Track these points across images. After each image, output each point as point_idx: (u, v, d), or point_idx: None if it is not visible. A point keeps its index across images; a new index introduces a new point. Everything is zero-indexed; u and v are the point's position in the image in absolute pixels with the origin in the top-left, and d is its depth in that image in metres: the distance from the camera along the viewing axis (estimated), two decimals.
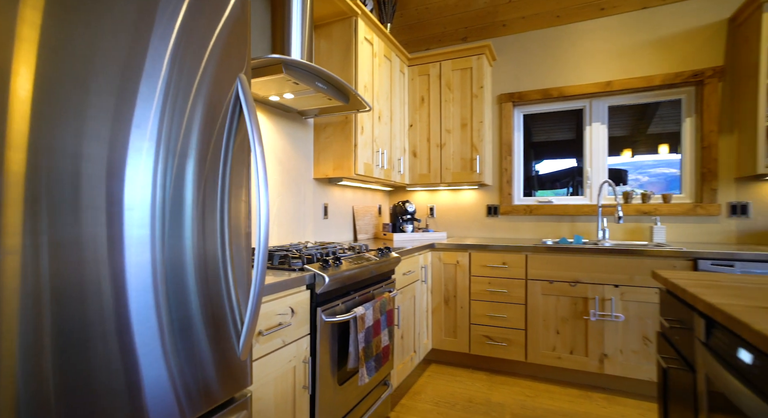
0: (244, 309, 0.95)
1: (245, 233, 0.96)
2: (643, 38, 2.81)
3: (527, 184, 3.40)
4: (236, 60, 0.91)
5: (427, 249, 2.74)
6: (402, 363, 2.27)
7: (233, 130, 0.91)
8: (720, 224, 2.61)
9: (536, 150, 3.45)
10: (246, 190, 0.97)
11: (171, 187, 0.76)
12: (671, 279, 1.25)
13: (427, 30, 3.40)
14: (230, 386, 0.90)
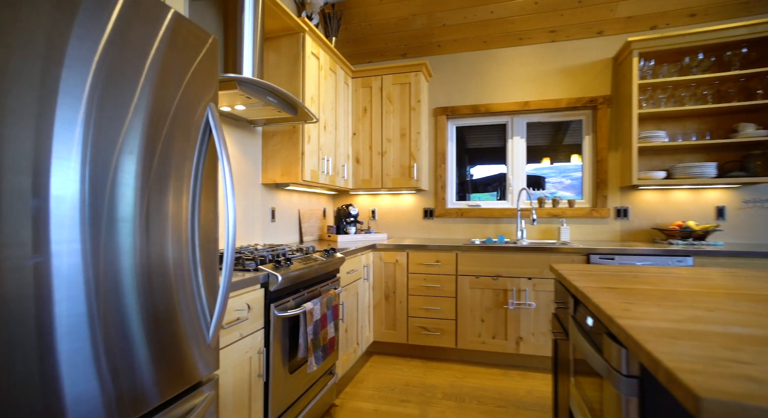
0: (212, 304, 1.10)
1: (213, 238, 1.12)
2: (553, 66, 3.30)
3: (463, 187, 3.79)
4: (207, 90, 1.07)
5: (369, 249, 2.98)
6: (346, 354, 2.48)
7: (204, 149, 1.06)
8: (609, 225, 3.15)
9: (471, 156, 3.85)
10: (214, 202, 1.12)
11: (154, 195, 0.90)
12: (559, 270, 1.60)
13: (370, 45, 3.64)
14: (203, 369, 1.05)
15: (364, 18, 3.40)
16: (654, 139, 2.85)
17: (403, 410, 2.19)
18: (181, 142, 0.99)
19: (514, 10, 3.13)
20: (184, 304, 1.01)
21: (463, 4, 3.15)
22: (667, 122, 3.02)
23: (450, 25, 3.35)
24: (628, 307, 0.99)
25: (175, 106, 0.97)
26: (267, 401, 1.56)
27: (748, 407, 0.50)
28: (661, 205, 3.06)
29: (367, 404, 2.26)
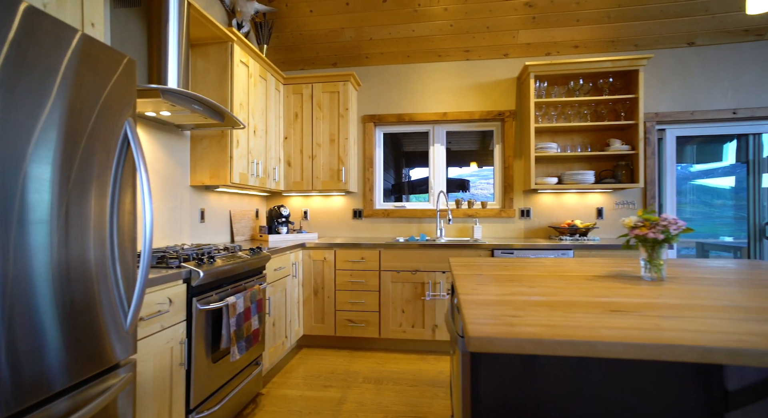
0: (131, 295, 1.24)
1: (132, 237, 1.25)
2: (468, 82, 3.70)
3: (400, 189, 4.11)
4: (125, 107, 1.20)
5: (298, 248, 3.15)
6: (274, 347, 2.64)
7: (122, 159, 1.19)
8: (515, 223, 3.61)
9: (407, 159, 4.18)
10: (133, 205, 1.25)
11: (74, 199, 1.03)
12: (451, 263, 1.91)
13: (302, 53, 3.80)
14: (120, 353, 1.19)
15: (296, 28, 3.56)
16: (548, 150, 3.34)
17: (326, 394, 2.40)
18: (101, 153, 1.13)
19: (433, 30, 3.48)
20: (104, 294, 1.14)
21: (387, 21, 3.44)
22: (559, 135, 3.53)
23: (376, 40, 3.62)
24: (477, 287, 1.29)
25: (93, 122, 1.10)
26: (189, 388, 1.69)
27: (493, 340, 0.78)
28: (556, 206, 3.56)
29: (292, 391, 2.45)
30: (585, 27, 3.34)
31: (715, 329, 0.82)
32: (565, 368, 1.04)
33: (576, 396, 1.04)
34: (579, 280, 1.41)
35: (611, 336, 0.78)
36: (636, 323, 0.87)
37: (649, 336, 0.78)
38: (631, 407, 1.01)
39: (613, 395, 1.02)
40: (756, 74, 3.30)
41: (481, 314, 0.95)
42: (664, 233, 1.30)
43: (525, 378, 1.06)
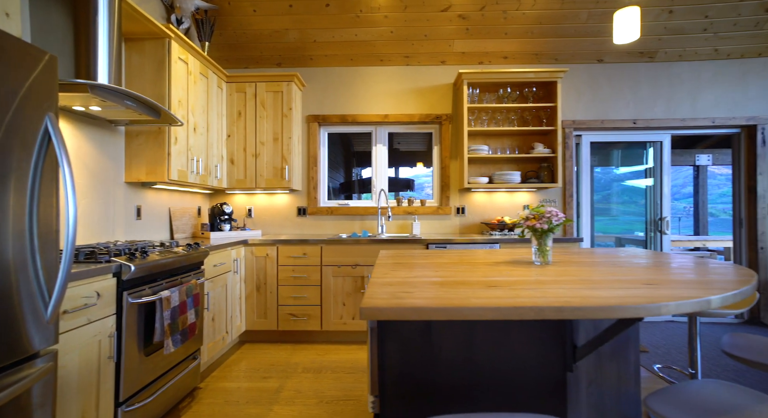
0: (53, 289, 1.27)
1: (54, 230, 1.28)
2: (408, 86, 3.90)
3: (349, 187, 4.23)
4: (46, 102, 1.24)
5: (240, 245, 3.19)
6: (213, 342, 2.67)
7: (43, 154, 1.23)
8: (451, 220, 3.87)
9: (358, 159, 4.32)
10: (56, 199, 1.29)
11: None
12: (380, 255, 2.07)
13: (246, 52, 3.82)
14: (40, 343, 1.22)
15: (239, 26, 3.57)
16: (480, 152, 3.61)
17: (265, 385, 2.48)
18: (19, 147, 1.16)
19: (375, 35, 3.64)
20: (23, 285, 1.17)
21: (330, 25, 3.55)
22: (490, 139, 3.83)
23: (320, 42, 3.72)
24: (389, 272, 1.46)
25: (11, 116, 1.13)
26: (119, 380, 1.72)
27: (382, 309, 0.94)
28: (488, 204, 3.86)
29: (231, 383, 2.50)
30: (512, 40, 3.66)
31: (558, 295, 1.03)
32: (457, 338, 1.23)
33: (466, 361, 1.23)
34: (481, 265, 1.62)
35: (476, 303, 0.96)
36: (502, 294, 1.06)
37: (505, 302, 0.97)
38: (510, 365, 1.22)
39: (495, 357, 1.22)
40: (650, 90, 3.79)
41: (380, 292, 1.11)
42: (548, 224, 1.54)
43: (423, 350, 1.23)
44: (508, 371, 1.21)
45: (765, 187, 3.74)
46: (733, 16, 3.40)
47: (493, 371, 1.22)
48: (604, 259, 1.83)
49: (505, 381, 1.21)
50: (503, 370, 1.21)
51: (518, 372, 1.21)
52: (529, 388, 1.20)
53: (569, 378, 1.20)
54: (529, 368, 1.21)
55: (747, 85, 3.75)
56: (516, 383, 1.20)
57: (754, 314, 3.75)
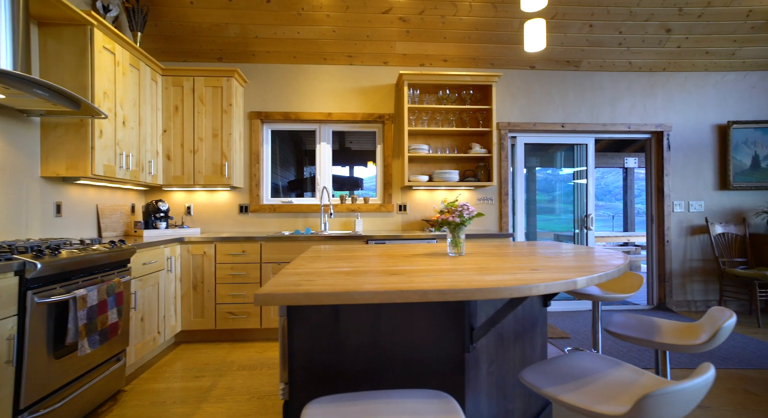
0: None
1: None
2: (352, 85, 3.96)
3: (300, 185, 4.21)
4: None
5: (176, 242, 3.09)
6: (143, 343, 2.58)
7: None
8: (393, 217, 3.97)
9: (310, 157, 4.30)
10: None
11: None
12: (310, 249, 2.11)
13: (185, 44, 3.70)
14: None
15: (176, 18, 3.46)
16: (420, 151, 3.74)
17: (196, 384, 2.43)
18: None
19: (317, 34, 3.66)
20: None
21: (272, 21, 3.53)
22: (431, 138, 3.98)
23: (262, 38, 3.68)
24: (306, 264, 1.50)
25: None
26: (19, 386, 1.63)
27: (275, 295, 0.98)
28: (429, 201, 4.00)
29: (160, 384, 2.43)
30: (451, 44, 3.82)
31: (449, 280, 1.13)
32: (364, 324, 1.29)
33: (372, 345, 1.30)
34: (399, 257, 1.71)
35: (366, 288, 1.03)
36: (397, 280, 1.14)
37: (393, 287, 1.05)
38: (413, 348, 1.30)
39: (400, 341, 1.30)
40: (576, 96, 4.11)
41: (283, 281, 1.15)
42: (460, 217, 1.66)
43: (331, 337, 1.29)
44: (412, 353, 1.30)
45: (671, 187, 4.17)
46: (641, 34, 3.76)
47: (398, 353, 1.30)
48: (515, 251, 1.98)
49: (409, 363, 1.29)
50: (407, 352, 1.30)
51: (421, 354, 1.30)
52: (431, 368, 1.29)
53: (468, 359, 1.31)
54: (431, 350, 1.30)
55: (655, 96, 4.16)
56: (419, 365, 1.29)
57: (661, 301, 4.17)
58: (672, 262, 4.16)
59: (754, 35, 3.82)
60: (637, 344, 1.39)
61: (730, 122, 4.09)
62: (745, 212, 4.18)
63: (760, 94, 4.17)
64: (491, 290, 1.02)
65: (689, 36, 3.82)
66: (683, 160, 4.18)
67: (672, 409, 0.81)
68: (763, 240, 3.97)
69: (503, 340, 1.54)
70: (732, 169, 4.11)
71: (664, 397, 0.80)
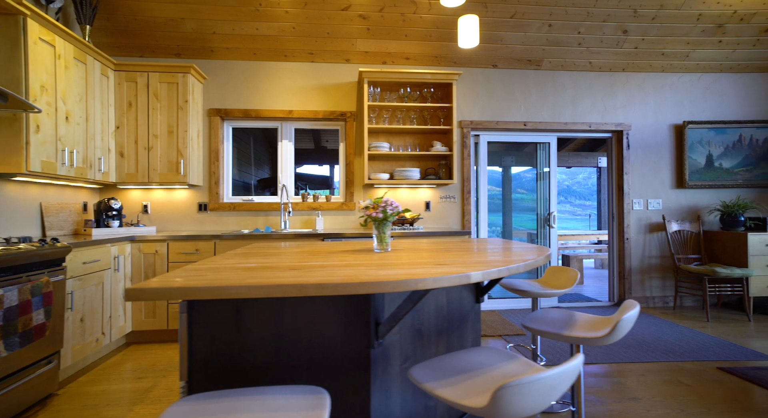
0: None
1: None
2: (313, 83, 3.93)
3: (273, 182, 4.17)
4: None
5: (126, 241, 3.03)
6: (83, 344, 2.51)
7: None
8: (356, 215, 3.95)
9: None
10: None
11: None
12: (250, 246, 2.07)
13: (140, 40, 3.62)
14: None
15: (130, 12, 3.38)
16: (381, 149, 3.73)
17: (136, 385, 2.38)
18: None
19: (277, 30, 3.62)
20: None
21: (229, 17, 3.48)
22: (393, 136, 3.97)
23: (221, 34, 3.63)
24: (219, 260, 1.47)
25: None
26: None
27: (145, 290, 0.96)
28: None
29: (97, 386, 2.37)
30: (413, 42, 3.82)
31: (340, 274, 1.11)
32: (267, 320, 1.27)
33: (276, 342, 1.28)
34: (323, 254, 1.69)
35: (244, 282, 1.01)
36: (291, 275, 1.12)
37: (269, 281, 1.03)
38: (318, 344, 1.28)
39: (304, 337, 1.28)
40: (538, 95, 4.15)
41: (174, 276, 1.12)
42: (383, 213, 1.65)
43: (233, 333, 1.26)
44: (316, 349, 1.28)
45: (630, 186, 4.24)
46: (599, 34, 3.82)
47: (302, 350, 1.28)
48: (451, 247, 1.98)
49: (314, 360, 1.27)
50: (311, 349, 1.28)
51: (325, 350, 1.28)
52: (336, 365, 1.28)
53: (374, 355, 1.29)
54: (336, 346, 1.29)
55: (615, 95, 4.22)
56: (323, 361, 1.28)
57: (621, 298, 4.24)
58: (632, 259, 4.23)
59: (705, 38, 3.91)
60: (549, 337, 1.40)
61: (686, 122, 4.18)
62: (700, 210, 4.27)
63: (713, 96, 4.27)
64: (374, 284, 1.01)
65: (645, 37, 3.89)
66: (642, 159, 4.26)
67: (529, 399, 0.81)
68: (716, 237, 4.06)
69: (422, 336, 1.53)
70: (688, 168, 4.20)
71: (519, 387, 0.79)
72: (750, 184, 4.22)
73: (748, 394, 2.13)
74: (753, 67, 4.26)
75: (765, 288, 3.69)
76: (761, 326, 3.43)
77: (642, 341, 3.01)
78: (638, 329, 3.32)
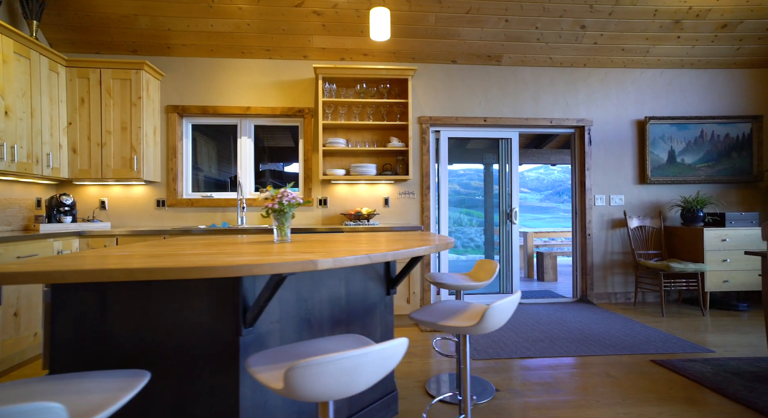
0: None
1: None
2: (271, 79, 3.93)
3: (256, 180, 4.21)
4: None
5: (74, 236, 3.04)
6: (16, 338, 2.53)
7: None
8: (314, 211, 3.96)
9: (269, 154, 4.29)
10: None
11: None
12: (181, 240, 2.08)
13: (95, 36, 3.63)
14: None
15: (82, 8, 3.39)
16: (336, 145, 3.73)
17: None
18: None
19: (232, 27, 3.63)
20: None
21: (182, 14, 3.48)
22: (351, 132, 3.97)
23: (176, 31, 3.63)
24: (154, 250, 1.48)
25: None
26: None
27: (13, 273, 0.96)
28: (350, 196, 4.00)
29: None
30: (370, 38, 3.82)
31: (193, 261, 1.12)
32: (134, 309, 1.28)
33: (143, 330, 1.28)
34: (224, 244, 1.69)
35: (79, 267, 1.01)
36: (149, 261, 1.13)
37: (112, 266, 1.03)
38: (188, 332, 1.29)
39: (173, 325, 1.29)
40: (499, 91, 4.15)
41: (28, 262, 1.13)
42: (279, 204, 1.65)
43: (98, 322, 1.27)
44: (186, 338, 1.28)
45: (592, 182, 4.23)
46: (557, 29, 3.81)
47: (171, 339, 1.28)
48: (364, 238, 1.98)
49: (183, 348, 1.28)
50: (181, 337, 1.28)
51: (196, 337, 1.29)
52: (206, 353, 1.28)
53: (245, 342, 1.30)
54: (206, 333, 1.29)
55: (577, 91, 4.22)
56: (193, 350, 1.28)
57: (584, 294, 4.23)
58: (594, 255, 4.23)
59: (663, 34, 3.90)
60: (427, 327, 1.40)
61: (648, 118, 4.17)
62: (662, 206, 4.26)
63: (675, 91, 4.26)
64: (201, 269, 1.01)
65: (604, 33, 3.88)
66: (605, 155, 4.25)
67: (321, 381, 0.81)
68: (676, 233, 4.05)
69: (311, 325, 1.53)
70: (650, 164, 4.19)
71: (307, 368, 0.80)
72: (712, 179, 4.20)
73: (670, 384, 2.12)
74: (714, 63, 4.25)
75: (721, 283, 3.68)
76: (714, 320, 3.42)
77: (588, 336, 3.01)
78: (589, 324, 3.32)
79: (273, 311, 1.41)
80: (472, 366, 2.44)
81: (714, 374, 2.19)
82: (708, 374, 2.20)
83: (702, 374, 2.20)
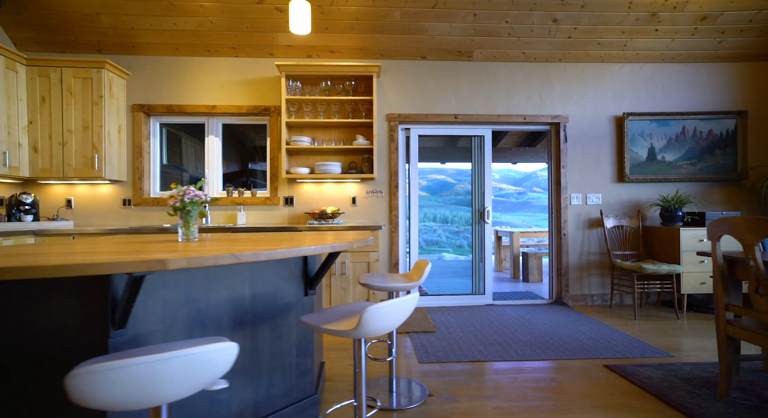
0: None
1: None
2: (237, 78, 3.89)
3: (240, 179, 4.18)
4: None
5: (30, 235, 3.04)
6: None
7: None
8: (279, 210, 3.91)
9: (260, 153, 4.27)
10: None
11: None
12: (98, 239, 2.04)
13: (58, 34, 3.63)
14: None
15: (43, 7, 3.40)
16: (301, 143, 3.68)
17: None
18: None
19: (195, 25, 3.60)
20: None
21: (144, 12, 3.47)
22: (317, 130, 3.91)
23: (139, 29, 3.62)
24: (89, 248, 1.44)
25: None
26: None
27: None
28: (316, 195, 3.94)
29: None
30: (335, 35, 3.76)
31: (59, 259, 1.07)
32: None
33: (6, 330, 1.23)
34: (135, 243, 1.64)
35: None
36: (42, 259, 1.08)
37: None
38: (52, 335, 1.24)
39: (34, 329, 1.24)
40: (470, 88, 4.05)
41: None
42: (181, 202, 1.59)
43: None
44: (51, 341, 1.23)
45: (567, 180, 4.11)
46: (528, 23, 3.70)
47: (31, 343, 1.23)
48: (285, 237, 1.92)
49: (42, 352, 1.23)
50: (45, 340, 1.23)
51: (64, 341, 1.23)
52: (78, 357, 1.23)
53: (115, 343, 1.24)
54: (75, 338, 1.24)
55: (552, 87, 4.09)
56: (57, 352, 1.23)
57: (559, 295, 4.11)
58: (570, 255, 4.10)
59: (640, 27, 3.76)
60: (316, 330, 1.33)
61: (626, 114, 4.03)
62: (641, 205, 4.12)
63: (655, 86, 4.11)
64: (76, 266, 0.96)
65: (577, 26, 3.76)
66: (582, 153, 4.12)
67: (112, 388, 0.75)
68: (655, 232, 3.91)
69: (206, 327, 1.47)
70: (629, 162, 4.05)
71: (91, 375, 0.73)
72: (694, 178, 4.05)
73: (613, 390, 2.01)
74: (696, 57, 4.09)
75: (698, 285, 3.53)
76: (688, 324, 3.28)
77: (548, 339, 2.90)
78: (555, 328, 3.20)
79: (155, 312, 1.35)
80: (416, 370, 2.35)
81: (663, 379, 2.08)
82: (657, 379, 2.08)
83: (650, 379, 2.09)
